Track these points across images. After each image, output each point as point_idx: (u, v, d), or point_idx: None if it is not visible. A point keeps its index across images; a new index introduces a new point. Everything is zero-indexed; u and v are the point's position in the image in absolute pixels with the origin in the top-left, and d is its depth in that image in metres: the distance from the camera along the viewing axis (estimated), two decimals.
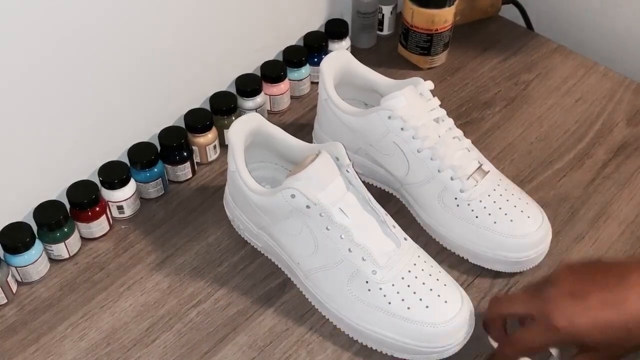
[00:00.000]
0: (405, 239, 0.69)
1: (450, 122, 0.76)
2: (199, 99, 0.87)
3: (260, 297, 0.73)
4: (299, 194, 0.65)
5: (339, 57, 0.82)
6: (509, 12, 1.09)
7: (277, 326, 0.71)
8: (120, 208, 0.78)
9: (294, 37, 0.95)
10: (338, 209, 0.66)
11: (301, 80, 0.93)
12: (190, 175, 0.84)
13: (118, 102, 0.78)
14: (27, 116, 0.70)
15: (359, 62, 0.82)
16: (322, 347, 0.69)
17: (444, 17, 0.94)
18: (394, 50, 1.02)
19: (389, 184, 0.81)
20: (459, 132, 0.76)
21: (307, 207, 0.66)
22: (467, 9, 1.03)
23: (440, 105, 0.76)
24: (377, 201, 0.69)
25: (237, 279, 0.74)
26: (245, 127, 0.73)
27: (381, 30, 1.03)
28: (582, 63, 1.00)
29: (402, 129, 0.74)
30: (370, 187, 0.82)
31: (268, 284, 0.74)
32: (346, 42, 0.97)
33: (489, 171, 0.75)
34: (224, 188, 0.83)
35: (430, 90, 0.77)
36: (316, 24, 0.98)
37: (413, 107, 0.74)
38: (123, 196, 0.78)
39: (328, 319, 0.71)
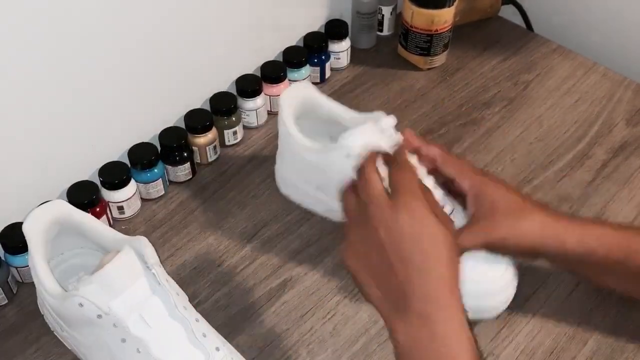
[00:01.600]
0: (218, 348, 0.61)
1: (412, 159, 0.69)
2: (199, 99, 0.87)
3: (260, 297, 0.73)
4: (87, 303, 0.58)
5: (299, 89, 0.78)
6: (509, 13, 1.09)
7: (277, 326, 0.71)
8: (120, 208, 0.78)
9: (294, 38, 0.95)
10: (137, 318, 0.59)
11: (301, 80, 0.93)
12: (191, 176, 0.84)
13: (118, 103, 0.78)
14: (27, 116, 0.70)
15: (321, 94, 0.78)
16: (322, 347, 0.69)
17: (444, 18, 0.94)
18: (394, 50, 1.02)
19: None
20: (421, 171, 0.70)
21: (99, 316, 0.58)
22: (466, 10, 1.03)
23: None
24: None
25: (237, 279, 0.75)
26: (47, 216, 0.65)
27: (381, 30, 1.03)
28: (582, 63, 1.00)
29: None
30: (333, 225, 0.78)
31: (268, 284, 0.74)
32: (346, 43, 0.97)
33: (453, 210, 0.69)
34: (223, 188, 0.83)
35: (394, 126, 0.70)
36: (316, 24, 0.98)
37: (371, 144, 0.67)
38: (123, 196, 0.78)
39: (328, 319, 0.71)
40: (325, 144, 0.74)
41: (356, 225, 0.58)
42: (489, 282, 0.68)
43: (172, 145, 0.80)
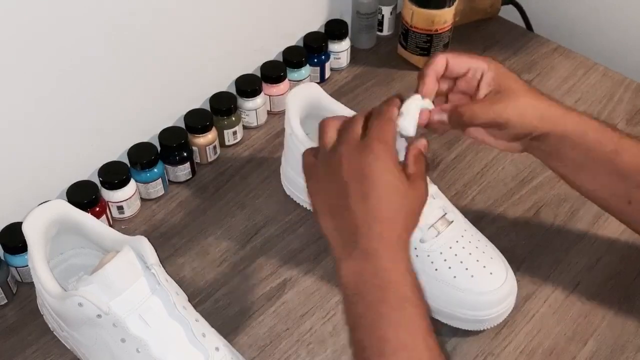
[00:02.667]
0: (218, 348, 0.61)
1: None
2: (199, 99, 0.87)
3: (260, 297, 0.73)
4: (87, 303, 0.58)
5: (307, 89, 0.78)
6: (509, 13, 1.09)
7: (277, 326, 0.71)
8: (120, 208, 0.78)
9: (294, 38, 0.95)
10: (137, 317, 0.59)
11: (301, 80, 0.93)
12: (190, 176, 0.84)
13: (118, 102, 0.78)
14: (27, 116, 0.70)
15: (328, 95, 0.78)
16: (322, 347, 0.69)
17: (444, 18, 0.94)
18: (394, 50, 1.02)
19: None
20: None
21: (99, 316, 0.58)
22: (466, 10, 1.03)
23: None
24: None
25: (237, 279, 0.75)
26: (47, 215, 0.65)
27: (381, 30, 1.03)
28: (582, 63, 1.00)
29: None
30: None
31: (268, 284, 0.74)
32: (346, 43, 0.97)
33: (452, 221, 0.70)
34: (223, 188, 0.83)
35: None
36: (316, 24, 0.98)
37: None
38: (123, 196, 0.78)
39: (328, 319, 0.71)
40: None
41: (323, 165, 0.60)
42: (490, 293, 0.67)
43: (172, 145, 0.80)
